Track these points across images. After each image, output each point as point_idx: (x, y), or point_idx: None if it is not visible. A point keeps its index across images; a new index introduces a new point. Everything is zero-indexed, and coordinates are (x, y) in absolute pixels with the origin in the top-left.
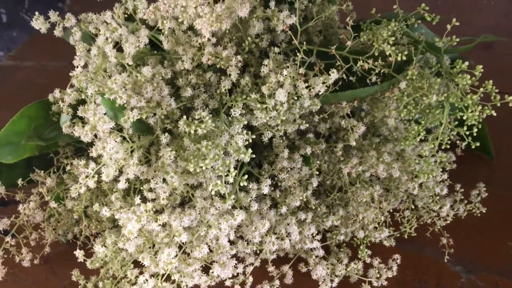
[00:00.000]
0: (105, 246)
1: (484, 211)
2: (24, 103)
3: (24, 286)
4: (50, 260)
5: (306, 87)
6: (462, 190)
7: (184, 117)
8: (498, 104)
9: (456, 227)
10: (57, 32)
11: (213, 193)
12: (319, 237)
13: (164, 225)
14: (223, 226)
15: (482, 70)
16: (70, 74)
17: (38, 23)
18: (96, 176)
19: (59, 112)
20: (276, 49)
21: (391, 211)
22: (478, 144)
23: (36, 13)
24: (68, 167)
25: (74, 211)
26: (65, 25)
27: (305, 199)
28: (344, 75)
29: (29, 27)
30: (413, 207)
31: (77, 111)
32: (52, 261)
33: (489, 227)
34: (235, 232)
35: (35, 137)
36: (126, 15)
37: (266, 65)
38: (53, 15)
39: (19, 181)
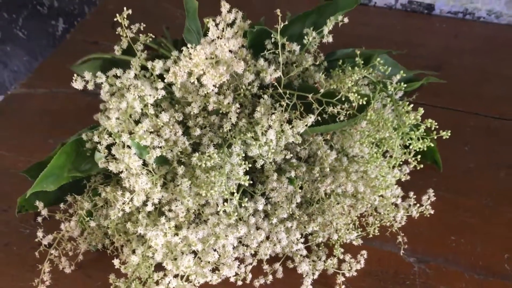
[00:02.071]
0: (136, 255)
1: (432, 213)
2: (40, 129)
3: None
4: (83, 266)
5: (290, 128)
6: (415, 196)
7: (197, 153)
8: (435, 137)
9: (410, 226)
10: (89, 86)
11: (221, 212)
12: (302, 239)
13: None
14: (230, 238)
15: (423, 111)
16: (106, 124)
17: (78, 84)
18: (130, 202)
19: (92, 149)
20: (266, 97)
21: (359, 216)
22: (422, 166)
23: (75, 75)
24: (103, 194)
25: (107, 227)
26: (95, 81)
27: (291, 212)
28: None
29: (21, 42)
30: (375, 213)
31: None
32: (85, 267)
33: (436, 225)
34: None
35: (74, 169)
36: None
37: (258, 111)
38: (88, 75)
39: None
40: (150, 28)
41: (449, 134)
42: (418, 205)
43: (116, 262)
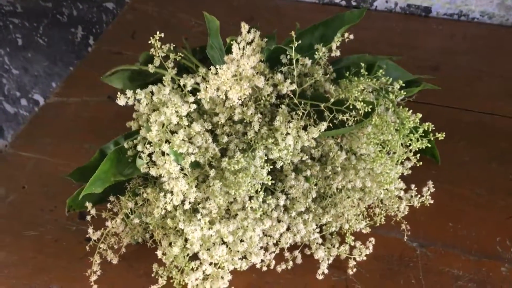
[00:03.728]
0: (175, 247)
1: (432, 202)
2: (76, 135)
3: (112, 277)
4: (126, 258)
5: (306, 134)
6: (416, 188)
7: (226, 158)
8: (432, 139)
9: (412, 214)
10: (130, 102)
11: (248, 209)
12: (318, 229)
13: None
14: (257, 230)
15: (420, 116)
16: (147, 135)
17: (121, 101)
18: (171, 202)
19: (133, 155)
20: (283, 107)
21: (367, 207)
22: (421, 163)
23: (119, 93)
24: (144, 195)
25: (149, 224)
26: (135, 98)
27: (308, 206)
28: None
29: (41, 49)
30: (381, 205)
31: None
32: (128, 258)
33: (435, 213)
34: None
35: (118, 174)
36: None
37: (278, 120)
38: (129, 93)
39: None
40: (168, 38)
41: (444, 135)
42: (419, 195)
43: (159, 253)
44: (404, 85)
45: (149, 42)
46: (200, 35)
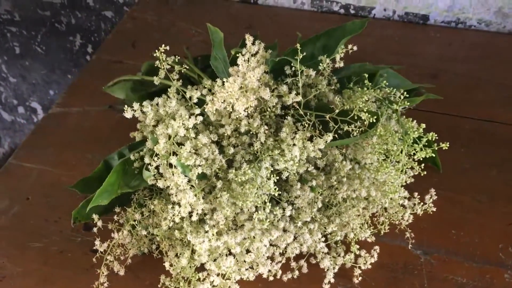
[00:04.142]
0: (183, 258)
1: (434, 210)
2: (78, 144)
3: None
4: (132, 268)
5: (312, 145)
6: (419, 196)
7: (233, 170)
8: (436, 148)
9: (415, 222)
10: (136, 114)
11: (256, 220)
12: (323, 239)
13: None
14: (265, 241)
15: (424, 126)
16: (155, 148)
17: (128, 114)
18: (179, 214)
19: (140, 167)
20: (289, 118)
21: (371, 216)
22: (425, 172)
23: (125, 106)
24: (151, 206)
25: (156, 235)
26: (142, 110)
27: (313, 216)
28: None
29: (39, 57)
30: (385, 213)
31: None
32: (134, 269)
33: (438, 220)
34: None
35: (125, 186)
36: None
37: (284, 131)
38: (136, 105)
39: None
40: (169, 46)
41: (448, 145)
42: (422, 203)
43: (166, 264)
44: (408, 95)
45: (151, 53)
46: (201, 44)
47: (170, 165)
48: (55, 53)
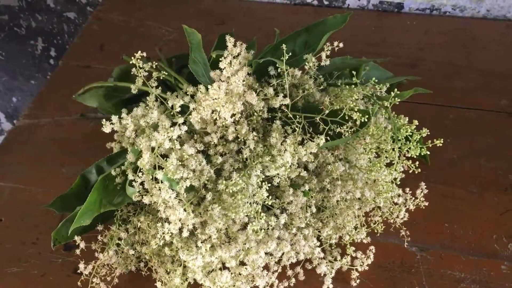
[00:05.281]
0: (176, 277)
1: (426, 204)
2: (51, 158)
3: None
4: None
5: (304, 149)
6: (410, 192)
7: (222, 180)
8: (430, 145)
9: (408, 218)
10: (115, 128)
11: (250, 232)
12: (318, 243)
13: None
14: (261, 253)
15: (417, 123)
16: (139, 162)
17: (107, 128)
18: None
19: (122, 182)
20: (278, 122)
21: (364, 215)
22: (419, 170)
23: (104, 120)
24: (139, 224)
25: (144, 253)
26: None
27: (308, 221)
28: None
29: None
30: (379, 212)
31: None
32: None
33: (430, 215)
34: None
35: (108, 204)
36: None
37: (273, 137)
38: (114, 118)
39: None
40: (139, 47)
41: (442, 142)
42: (413, 198)
43: (158, 284)
44: (396, 89)
45: (121, 56)
46: (172, 43)
47: (156, 179)
48: (16, 58)
